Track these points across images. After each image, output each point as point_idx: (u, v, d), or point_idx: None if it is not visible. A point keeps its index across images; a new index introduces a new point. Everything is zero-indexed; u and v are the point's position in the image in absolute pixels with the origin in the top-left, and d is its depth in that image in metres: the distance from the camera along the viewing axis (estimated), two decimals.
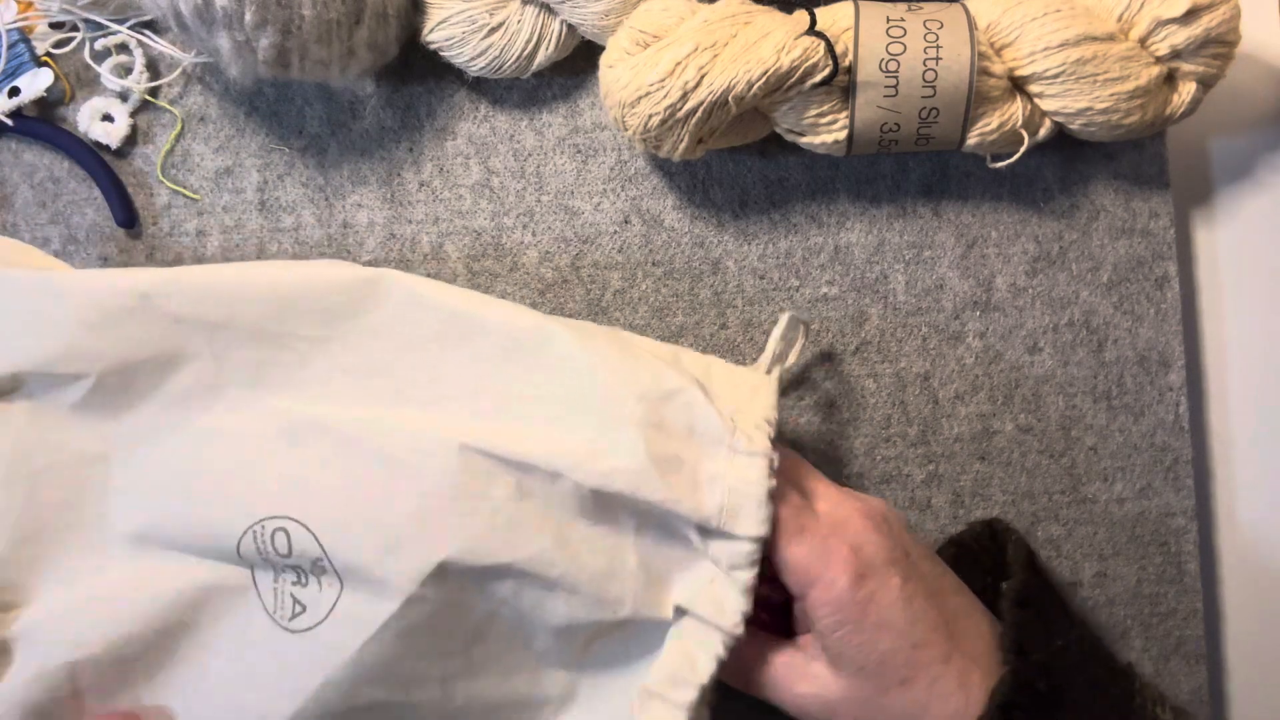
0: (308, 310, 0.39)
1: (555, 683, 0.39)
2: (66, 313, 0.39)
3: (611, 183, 0.49)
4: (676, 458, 0.37)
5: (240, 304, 0.39)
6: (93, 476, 0.40)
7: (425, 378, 0.39)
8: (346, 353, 0.40)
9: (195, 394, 0.40)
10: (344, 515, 0.37)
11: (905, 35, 0.42)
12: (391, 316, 0.39)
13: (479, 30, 0.45)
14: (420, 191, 0.49)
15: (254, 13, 0.41)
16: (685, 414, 0.38)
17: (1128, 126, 0.44)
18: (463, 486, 0.37)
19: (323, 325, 0.40)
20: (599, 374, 0.38)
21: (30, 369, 0.39)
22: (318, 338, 0.40)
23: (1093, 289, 0.48)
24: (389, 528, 0.37)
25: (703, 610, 0.37)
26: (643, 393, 0.37)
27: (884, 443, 0.48)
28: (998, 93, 0.43)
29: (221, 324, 0.39)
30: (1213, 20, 0.42)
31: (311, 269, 0.40)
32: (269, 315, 0.39)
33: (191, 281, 0.39)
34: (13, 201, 0.49)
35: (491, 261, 0.49)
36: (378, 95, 0.49)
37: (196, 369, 0.40)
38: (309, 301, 0.39)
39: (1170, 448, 0.48)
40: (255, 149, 0.49)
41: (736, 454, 0.37)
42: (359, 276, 0.40)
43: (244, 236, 0.49)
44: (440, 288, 0.40)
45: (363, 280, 0.40)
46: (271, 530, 0.37)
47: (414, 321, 0.39)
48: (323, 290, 0.39)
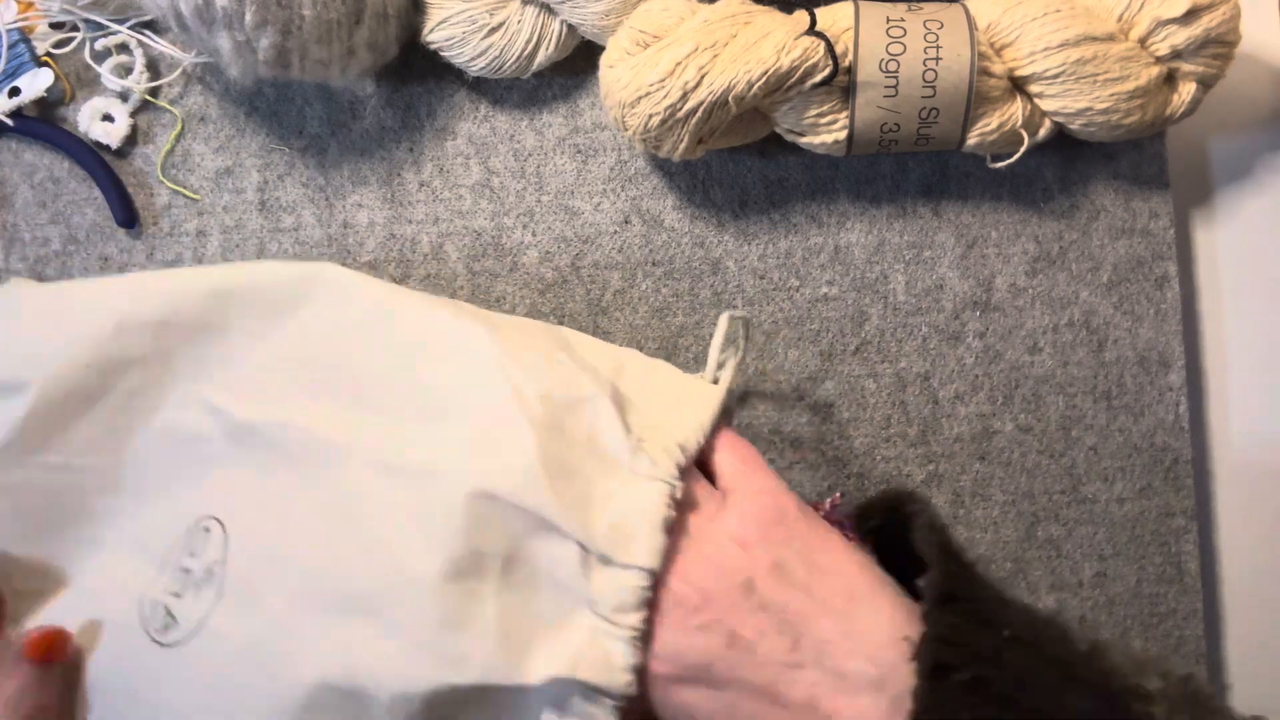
0: (249, 303, 0.39)
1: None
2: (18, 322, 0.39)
3: (611, 183, 0.49)
4: (570, 467, 0.33)
5: (182, 298, 0.39)
6: (58, 483, 0.39)
7: (341, 369, 0.38)
8: (281, 346, 0.39)
9: (146, 392, 0.39)
10: (253, 519, 0.36)
11: (905, 35, 0.42)
12: (323, 309, 0.39)
13: (479, 30, 0.45)
14: (420, 191, 0.49)
15: (254, 13, 0.41)
16: (588, 423, 0.34)
17: (1128, 127, 0.44)
18: (343, 503, 0.34)
19: (262, 318, 0.39)
20: (504, 371, 0.35)
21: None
22: (256, 331, 0.39)
23: (1093, 289, 0.48)
24: (280, 538, 0.35)
25: (587, 673, 0.31)
26: (547, 393, 0.35)
27: (884, 443, 0.48)
28: (998, 93, 0.43)
29: (165, 320, 0.39)
30: (1213, 20, 0.42)
31: (254, 265, 0.40)
32: (212, 309, 0.39)
33: (132, 283, 0.39)
34: (13, 201, 0.49)
35: (491, 261, 0.49)
36: (378, 95, 0.49)
37: (144, 369, 0.39)
38: (251, 294, 0.39)
39: (1170, 448, 0.48)
40: (255, 149, 0.49)
41: (635, 476, 0.33)
42: (296, 271, 0.39)
43: (244, 236, 0.49)
44: (371, 281, 0.39)
45: (300, 275, 0.39)
46: (201, 529, 0.36)
47: (341, 314, 0.39)
48: (262, 284, 0.39)
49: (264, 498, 0.36)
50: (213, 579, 0.35)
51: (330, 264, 0.40)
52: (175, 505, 0.37)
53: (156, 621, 0.35)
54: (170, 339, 0.39)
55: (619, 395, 0.36)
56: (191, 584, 0.35)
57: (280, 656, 0.33)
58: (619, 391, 0.36)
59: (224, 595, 0.35)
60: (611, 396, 0.35)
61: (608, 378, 0.37)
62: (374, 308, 0.38)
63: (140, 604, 0.36)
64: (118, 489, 0.39)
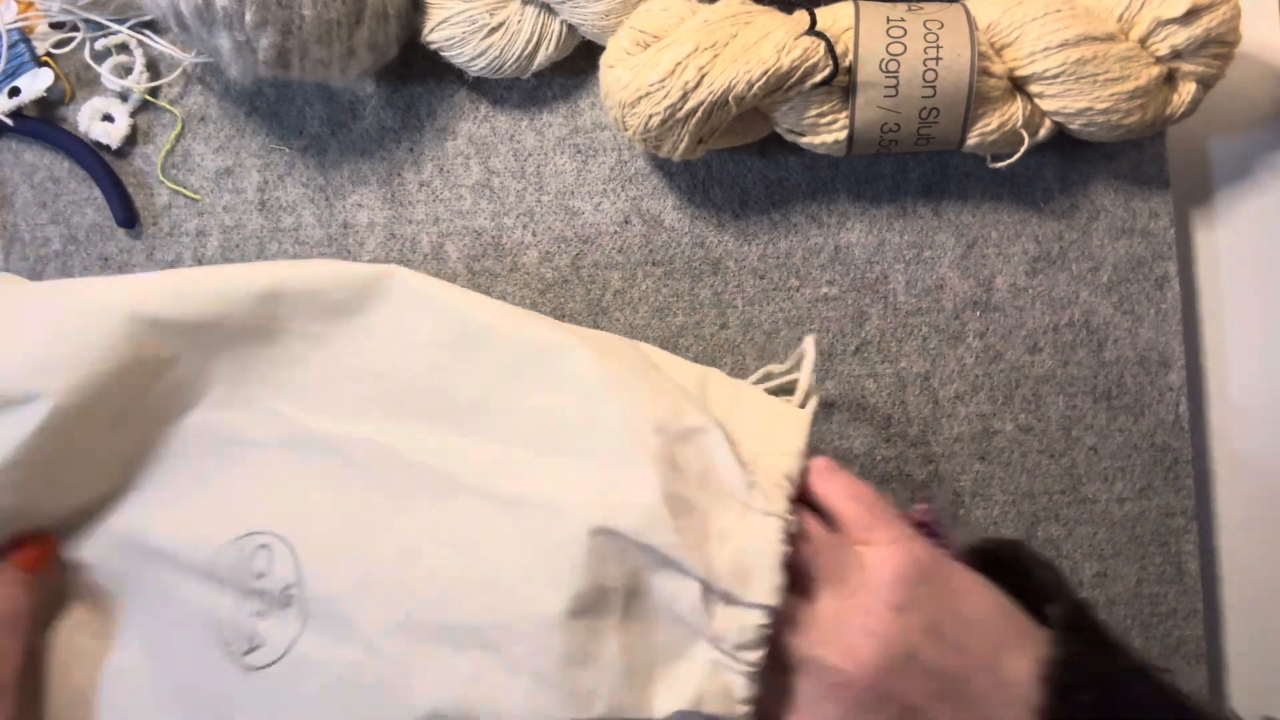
0: (303, 305, 0.37)
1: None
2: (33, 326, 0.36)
3: (612, 183, 0.49)
4: (688, 503, 0.33)
5: (230, 302, 0.37)
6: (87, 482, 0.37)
7: (428, 387, 0.36)
8: (347, 353, 0.37)
9: (184, 396, 0.37)
10: (331, 541, 0.35)
11: (905, 35, 0.42)
12: (394, 316, 0.37)
13: (479, 30, 0.45)
14: (420, 191, 0.49)
15: (254, 13, 0.41)
16: (702, 457, 0.34)
17: (1128, 126, 0.44)
18: (450, 532, 0.34)
19: (320, 322, 0.37)
20: (615, 399, 0.34)
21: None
22: (315, 334, 0.37)
23: (1093, 289, 0.48)
24: (371, 563, 0.34)
25: (711, 706, 0.32)
26: (660, 425, 0.34)
27: (884, 443, 0.48)
28: (998, 93, 0.43)
29: (210, 324, 0.36)
30: (1213, 20, 0.42)
31: (310, 264, 0.38)
32: (262, 312, 0.37)
33: (172, 283, 0.37)
34: (13, 201, 0.49)
35: (491, 261, 0.49)
36: (378, 95, 0.49)
37: (180, 372, 0.37)
38: (305, 297, 0.37)
39: (1170, 448, 0.48)
40: (255, 149, 0.49)
41: (751, 511, 0.33)
42: (361, 272, 0.37)
43: (244, 236, 0.49)
44: (447, 288, 0.37)
45: (366, 277, 0.37)
46: (255, 545, 0.35)
47: (418, 323, 0.37)
48: (321, 285, 0.37)
49: (340, 517, 0.35)
50: (292, 601, 0.34)
51: (400, 267, 0.38)
52: (215, 511, 0.36)
53: (241, 644, 0.34)
54: (213, 341, 0.37)
55: (720, 425, 0.35)
56: (273, 605, 0.34)
57: (385, 686, 0.33)
58: (719, 421, 0.36)
59: (309, 619, 0.34)
60: (719, 426, 0.35)
61: (714, 398, 0.36)
62: (459, 321, 0.37)
63: (218, 624, 0.35)
64: (135, 484, 0.37)
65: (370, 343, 0.38)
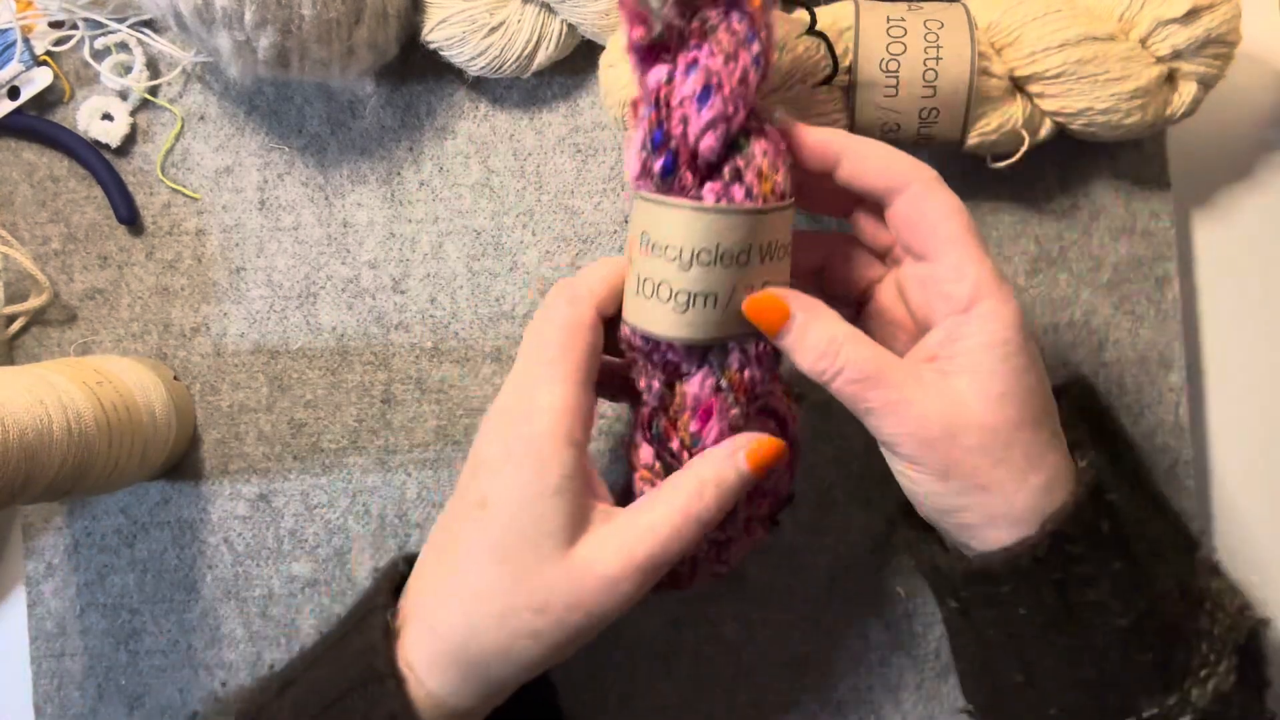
0: None
1: None
2: None
3: (612, 182, 0.49)
4: None
5: None
6: None
7: None
8: None
9: None
10: None
11: (905, 35, 0.42)
12: None
13: (479, 30, 0.45)
14: (420, 191, 0.49)
15: (254, 12, 0.41)
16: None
17: (1128, 127, 0.44)
18: None
19: None
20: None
21: None
22: None
23: (1093, 289, 0.48)
24: None
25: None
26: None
27: None
28: (998, 93, 0.43)
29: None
30: (1213, 20, 0.42)
31: None
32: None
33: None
34: (12, 200, 0.49)
35: (491, 261, 0.49)
36: (377, 94, 0.49)
37: None
38: None
39: (1170, 448, 0.48)
40: (255, 148, 0.49)
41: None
42: None
43: (243, 235, 0.49)
44: None
45: None
46: None
47: None
48: None
49: None
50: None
51: None
52: None
53: None
54: None
55: None
56: None
57: None
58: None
59: None
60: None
61: None
62: None
63: None
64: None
65: None
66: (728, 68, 0.34)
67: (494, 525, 0.35)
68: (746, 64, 0.34)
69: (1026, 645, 0.36)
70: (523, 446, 0.35)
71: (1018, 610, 0.35)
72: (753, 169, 0.34)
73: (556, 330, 0.36)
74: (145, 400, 0.44)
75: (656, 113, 0.34)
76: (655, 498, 0.36)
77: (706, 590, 0.47)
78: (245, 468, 0.49)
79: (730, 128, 0.34)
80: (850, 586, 0.48)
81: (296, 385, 0.49)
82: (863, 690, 0.48)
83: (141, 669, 0.49)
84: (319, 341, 0.49)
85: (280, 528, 0.49)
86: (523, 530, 0.34)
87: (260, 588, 0.49)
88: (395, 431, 0.49)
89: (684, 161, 0.34)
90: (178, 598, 0.49)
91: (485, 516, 0.35)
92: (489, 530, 0.35)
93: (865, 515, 0.48)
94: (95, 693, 0.49)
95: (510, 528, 0.34)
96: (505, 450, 0.35)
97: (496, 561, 0.34)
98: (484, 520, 0.35)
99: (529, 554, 0.34)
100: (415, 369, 0.49)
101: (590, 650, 0.48)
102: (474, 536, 0.35)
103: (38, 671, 0.49)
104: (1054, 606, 0.35)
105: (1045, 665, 0.36)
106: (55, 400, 0.39)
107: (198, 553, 0.49)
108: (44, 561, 0.49)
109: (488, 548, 0.35)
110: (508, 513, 0.34)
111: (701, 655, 0.48)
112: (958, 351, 0.35)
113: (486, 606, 0.34)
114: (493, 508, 0.35)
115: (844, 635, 0.48)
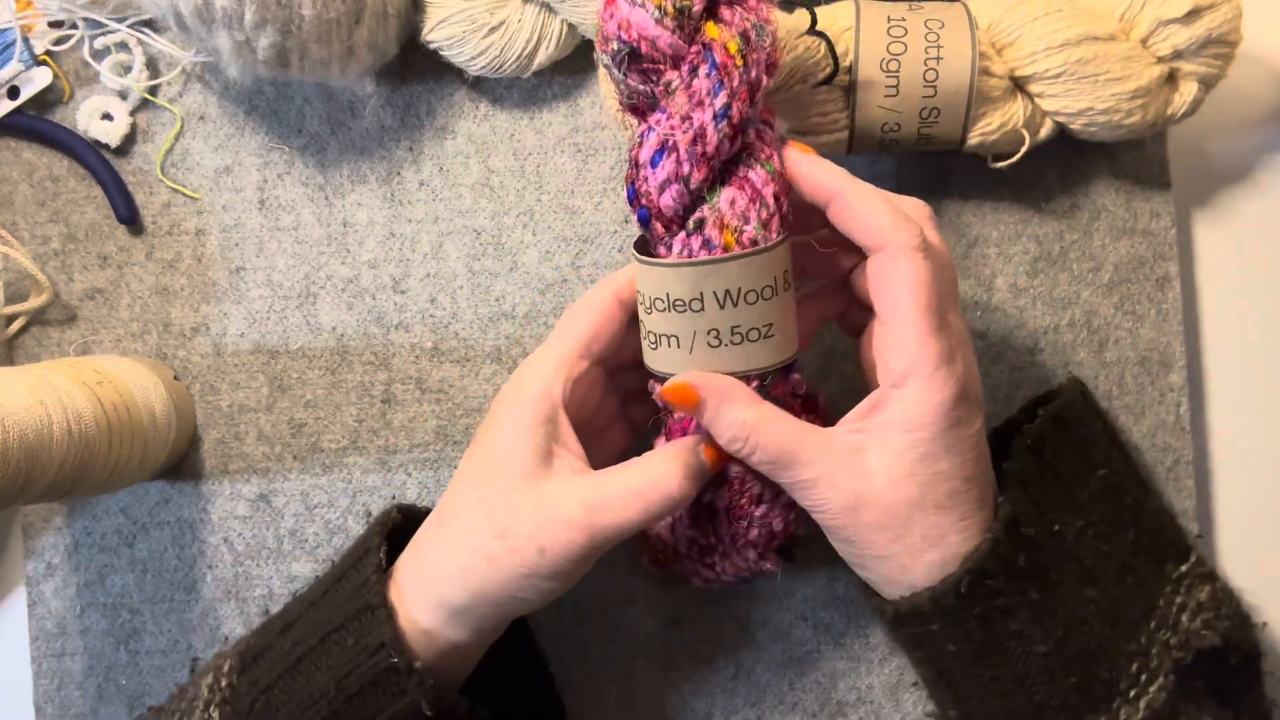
0: None
1: None
2: None
3: (612, 182, 0.49)
4: None
5: None
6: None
7: None
8: None
9: None
10: None
11: (906, 35, 0.42)
12: None
13: (479, 29, 0.45)
14: (420, 190, 0.49)
15: (254, 12, 0.41)
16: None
17: (1129, 126, 0.43)
18: None
19: None
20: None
21: None
22: None
23: (1094, 289, 0.48)
24: None
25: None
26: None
27: None
28: (999, 93, 0.43)
29: None
30: (1214, 20, 0.42)
31: None
32: None
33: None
34: (12, 200, 0.49)
35: (491, 261, 0.49)
36: (377, 94, 0.49)
37: None
38: None
39: (1170, 448, 0.48)
40: (255, 148, 0.49)
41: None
42: None
43: (243, 235, 0.49)
44: None
45: None
46: None
47: None
48: None
49: None
50: None
51: None
52: None
53: None
54: None
55: None
56: None
57: None
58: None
59: None
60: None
61: None
62: None
63: None
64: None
65: None
66: (682, 127, 0.36)
67: (475, 457, 0.39)
68: (704, 122, 0.36)
69: (956, 681, 0.39)
70: (512, 394, 0.39)
71: (947, 647, 0.38)
72: (715, 222, 0.36)
73: (574, 308, 0.40)
74: (145, 400, 0.44)
75: (631, 170, 0.37)
76: (624, 466, 0.38)
77: (706, 590, 0.47)
78: (245, 468, 0.49)
79: (687, 186, 0.36)
80: (850, 586, 0.48)
81: (296, 385, 0.49)
82: (863, 690, 0.48)
83: (141, 669, 0.49)
84: (319, 341, 0.49)
85: (280, 528, 0.49)
86: (495, 460, 0.38)
87: (260, 588, 0.49)
88: (395, 431, 0.49)
89: (654, 214, 0.37)
90: (178, 598, 0.49)
91: (471, 452, 0.40)
92: (470, 461, 0.39)
93: None
94: (95, 693, 0.49)
95: (486, 459, 0.39)
96: (500, 400, 0.40)
97: (470, 486, 0.39)
98: (470, 455, 0.40)
99: (499, 480, 0.38)
100: (415, 369, 0.49)
101: (590, 650, 0.48)
102: (460, 470, 0.40)
103: (38, 671, 0.49)
104: (980, 639, 0.37)
105: (975, 699, 0.38)
106: (55, 400, 0.39)
107: (198, 553, 0.49)
108: (44, 561, 0.49)
109: (467, 476, 0.39)
110: (487, 446, 0.39)
111: (701, 655, 0.48)
112: (875, 425, 0.37)
113: (458, 527, 0.38)
114: (477, 444, 0.40)
115: (844, 635, 0.48)
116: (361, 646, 0.37)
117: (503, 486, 0.37)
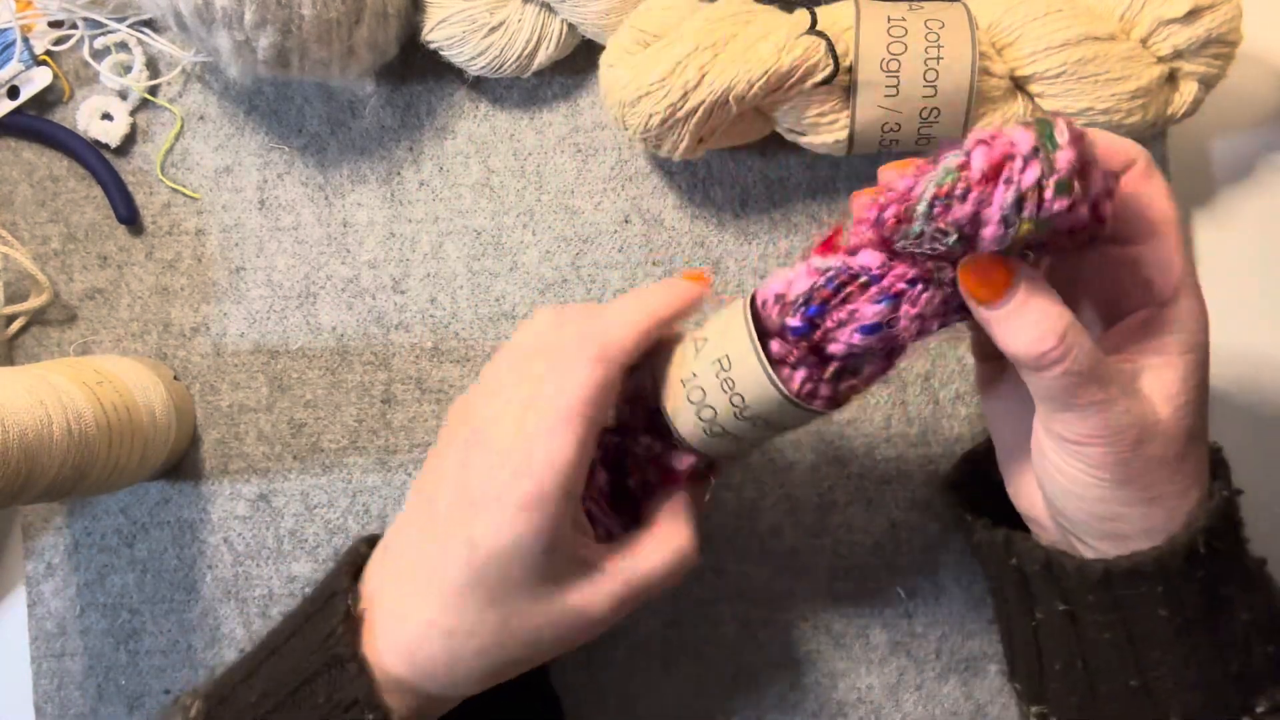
0: None
1: None
2: None
3: (612, 182, 0.49)
4: None
5: None
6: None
7: None
8: None
9: None
10: None
11: (906, 35, 0.42)
12: None
13: (479, 29, 0.45)
14: (420, 190, 0.49)
15: (254, 12, 0.41)
16: None
17: (1129, 126, 0.43)
18: None
19: None
20: None
21: None
22: None
23: None
24: None
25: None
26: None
27: (884, 443, 0.48)
28: (999, 92, 0.43)
29: None
30: (1214, 20, 0.42)
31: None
32: None
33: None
34: (12, 200, 0.49)
35: (491, 261, 0.49)
36: (377, 94, 0.49)
37: None
38: None
39: None
40: (255, 148, 0.49)
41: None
42: None
43: (243, 235, 0.49)
44: None
45: None
46: None
47: None
48: None
49: None
50: None
51: None
52: None
53: None
54: None
55: None
56: None
57: None
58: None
59: None
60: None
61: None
62: None
63: None
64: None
65: None
66: (911, 325, 0.33)
67: (487, 571, 0.34)
68: (927, 329, 0.33)
69: (1152, 648, 0.34)
70: (519, 499, 0.33)
71: (1157, 612, 0.34)
72: (846, 386, 0.35)
73: (579, 387, 0.34)
74: (145, 400, 0.44)
75: (829, 291, 0.33)
76: (644, 544, 0.37)
77: (707, 590, 0.47)
78: (245, 468, 0.49)
79: (864, 359, 0.34)
80: (850, 586, 0.48)
81: (296, 385, 0.49)
82: (863, 690, 0.48)
83: (141, 669, 0.49)
84: (319, 341, 0.49)
85: (280, 528, 0.49)
86: (515, 579, 0.34)
87: (260, 588, 0.49)
88: (395, 431, 0.49)
89: (811, 340, 0.34)
90: (178, 598, 0.49)
91: (476, 560, 0.34)
92: (481, 574, 0.34)
93: (865, 515, 0.48)
94: (95, 693, 0.49)
95: (503, 576, 0.34)
96: (499, 497, 0.34)
97: (486, 605, 0.34)
98: (474, 563, 0.34)
99: (520, 601, 0.34)
100: (415, 369, 0.49)
101: (590, 650, 0.48)
102: (462, 577, 0.34)
103: (38, 671, 0.49)
104: (1195, 605, 0.34)
105: (1166, 666, 0.34)
106: (55, 400, 0.39)
107: (198, 553, 0.49)
108: (44, 561, 0.49)
109: (478, 591, 0.34)
110: (501, 561, 0.34)
111: (701, 655, 0.48)
112: (1149, 349, 0.33)
113: (472, 644, 0.34)
114: (485, 552, 0.34)
115: (844, 635, 0.48)
116: (334, 703, 0.34)
117: (527, 606, 0.34)
